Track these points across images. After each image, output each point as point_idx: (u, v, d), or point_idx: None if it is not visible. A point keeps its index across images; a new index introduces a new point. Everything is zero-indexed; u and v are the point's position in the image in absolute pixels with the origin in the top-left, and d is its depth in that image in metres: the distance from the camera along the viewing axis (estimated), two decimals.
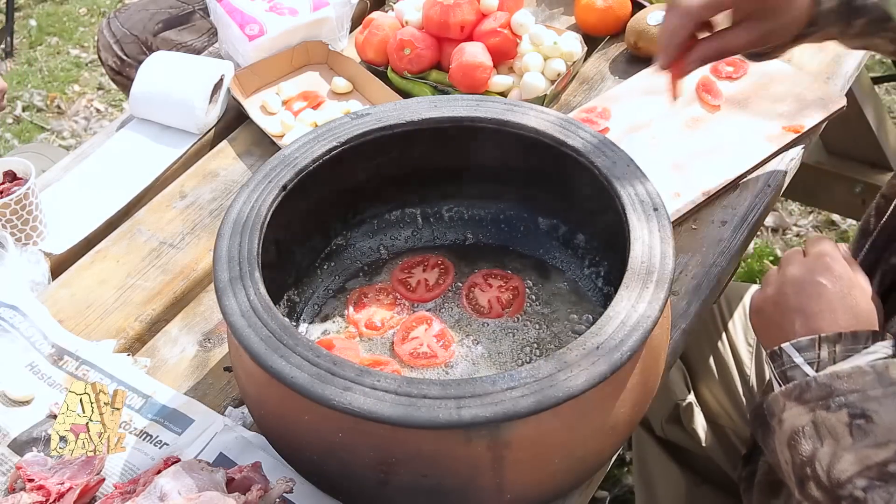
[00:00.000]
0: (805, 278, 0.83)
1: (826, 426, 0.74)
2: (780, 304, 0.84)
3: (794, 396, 0.78)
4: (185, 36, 1.70)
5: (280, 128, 1.23)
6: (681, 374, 1.27)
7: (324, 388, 0.69)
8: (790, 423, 0.78)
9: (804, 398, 0.77)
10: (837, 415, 0.74)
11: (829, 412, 0.74)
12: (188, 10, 1.75)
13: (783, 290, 0.84)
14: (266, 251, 0.83)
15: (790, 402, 0.78)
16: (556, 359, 0.71)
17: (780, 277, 0.86)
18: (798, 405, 0.77)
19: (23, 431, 0.89)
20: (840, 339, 0.78)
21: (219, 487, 0.77)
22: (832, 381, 0.75)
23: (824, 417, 0.75)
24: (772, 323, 0.85)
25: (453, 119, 0.93)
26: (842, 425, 0.73)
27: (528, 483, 0.75)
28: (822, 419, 0.75)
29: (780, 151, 1.14)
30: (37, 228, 1.09)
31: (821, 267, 0.83)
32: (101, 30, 1.78)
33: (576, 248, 1.00)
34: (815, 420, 0.75)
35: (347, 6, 1.37)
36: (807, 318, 0.81)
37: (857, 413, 0.73)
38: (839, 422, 0.74)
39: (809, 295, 0.82)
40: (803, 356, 0.79)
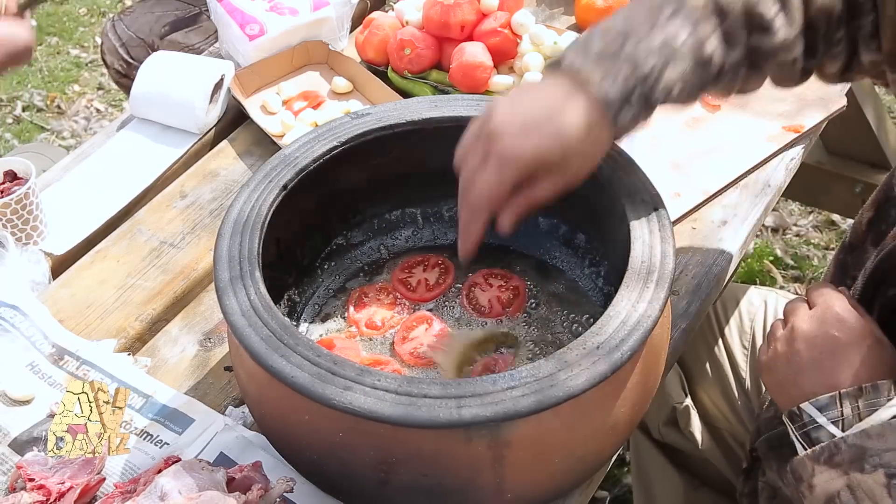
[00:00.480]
0: (816, 332, 0.80)
1: (863, 489, 0.72)
2: (792, 362, 0.81)
3: (824, 460, 0.75)
4: (192, 38, 1.69)
5: (280, 127, 1.23)
6: (677, 378, 1.27)
7: (324, 388, 0.69)
8: (823, 489, 0.75)
9: (835, 461, 0.74)
10: (874, 476, 0.71)
11: (864, 474, 0.72)
12: (195, 11, 1.74)
13: (794, 346, 0.81)
14: (266, 251, 0.83)
15: (819, 466, 0.75)
16: (557, 358, 0.71)
17: (788, 333, 0.83)
18: (829, 469, 0.74)
19: (23, 431, 0.89)
20: (861, 394, 0.75)
21: (219, 487, 0.77)
22: (863, 440, 0.72)
23: (860, 480, 0.72)
24: (786, 381, 0.82)
25: (453, 119, 0.93)
26: (879, 486, 0.71)
27: (528, 483, 0.75)
28: (858, 482, 0.72)
29: (780, 151, 1.14)
30: (37, 228, 1.09)
31: (832, 318, 0.80)
32: (105, 33, 1.76)
33: (576, 247, 1.00)
34: (850, 484, 0.73)
35: (347, 6, 1.37)
36: (824, 375, 0.78)
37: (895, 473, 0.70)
38: (876, 483, 0.71)
39: (822, 350, 0.79)
40: (826, 415, 0.76)
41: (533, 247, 1.03)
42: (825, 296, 0.83)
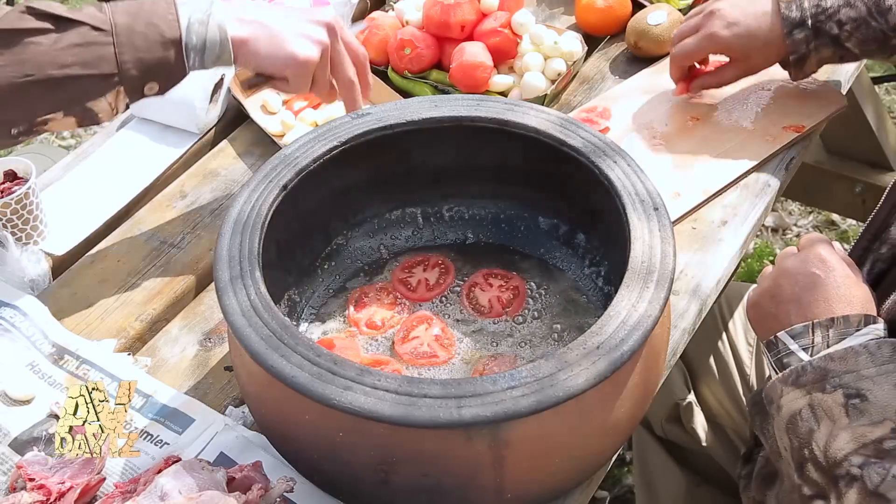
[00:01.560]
0: (799, 269, 0.86)
1: (822, 407, 0.76)
2: (775, 297, 0.86)
3: (791, 381, 0.79)
4: None
5: (280, 127, 1.23)
6: (681, 374, 1.27)
7: (324, 388, 0.69)
8: (788, 408, 0.79)
9: (800, 382, 0.79)
10: (833, 396, 0.76)
11: (825, 394, 0.76)
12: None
13: (778, 281, 0.87)
14: (266, 251, 0.83)
15: (787, 388, 0.80)
16: (557, 358, 0.71)
17: (774, 271, 0.89)
18: (795, 389, 0.79)
19: (23, 431, 0.89)
20: (833, 324, 0.80)
21: (219, 487, 0.77)
22: (826, 363, 0.77)
23: (820, 399, 0.77)
24: (768, 315, 0.87)
25: (453, 119, 0.93)
26: (837, 406, 0.75)
27: (528, 482, 0.75)
28: (819, 401, 0.77)
29: (780, 151, 1.14)
30: (37, 228, 1.09)
31: (814, 258, 0.86)
32: None
33: (576, 247, 1.00)
34: (811, 402, 0.77)
35: (347, 6, 1.37)
36: (801, 308, 0.83)
37: (852, 393, 0.75)
38: (835, 403, 0.75)
39: (804, 285, 0.84)
40: (798, 342, 0.81)
41: (533, 247, 1.03)
42: (813, 241, 0.89)
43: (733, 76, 1.14)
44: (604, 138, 0.90)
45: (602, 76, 1.30)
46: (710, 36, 1.10)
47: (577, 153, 0.89)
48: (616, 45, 1.35)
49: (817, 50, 1.07)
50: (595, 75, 1.30)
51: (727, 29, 1.09)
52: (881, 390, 0.74)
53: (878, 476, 0.71)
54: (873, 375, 0.75)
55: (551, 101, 1.25)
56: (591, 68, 1.32)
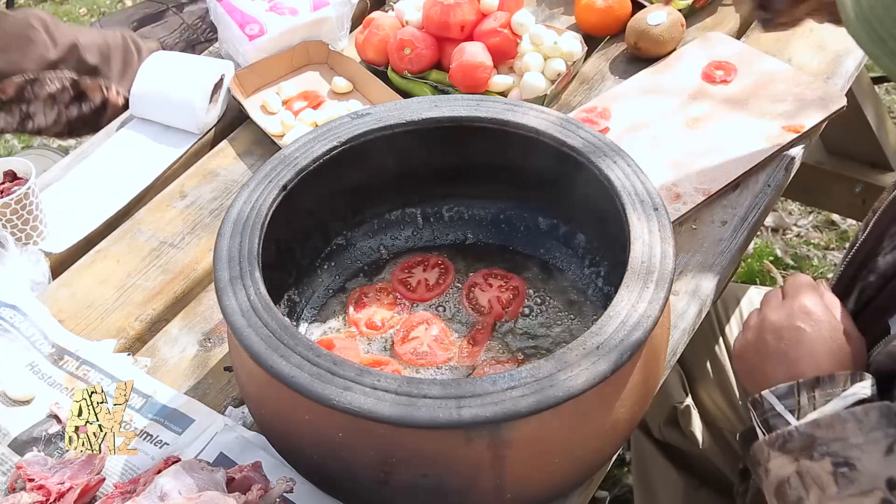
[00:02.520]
0: (783, 324, 0.84)
1: (811, 475, 0.75)
2: (760, 351, 0.85)
3: (778, 446, 0.78)
4: (158, 32, 1.76)
5: (280, 127, 1.23)
6: (678, 378, 1.27)
7: (324, 388, 0.69)
8: (776, 473, 0.78)
9: (787, 448, 0.77)
10: (821, 464, 0.74)
11: (813, 461, 0.75)
12: (161, 8, 1.81)
13: (763, 336, 0.85)
14: (266, 251, 0.83)
15: (774, 452, 0.78)
16: (557, 358, 0.71)
17: (759, 323, 0.86)
18: (782, 455, 0.78)
19: (23, 431, 0.89)
20: (818, 384, 0.78)
21: (219, 487, 0.77)
22: (813, 430, 0.76)
23: (808, 467, 0.75)
24: (754, 369, 0.85)
25: (453, 119, 0.93)
26: (826, 474, 0.74)
27: (528, 483, 0.75)
28: (807, 469, 0.75)
29: (780, 151, 1.14)
30: (37, 228, 1.09)
31: (799, 311, 0.84)
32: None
33: (576, 247, 1.00)
34: (799, 470, 0.76)
35: (347, 6, 1.37)
36: (787, 365, 0.82)
37: (841, 462, 0.73)
38: (823, 471, 0.74)
39: (788, 341, 0.83)
40: (783, 403, 0.80)
41: (533, 247, 1.03)
42: (797, 288, 0.86)
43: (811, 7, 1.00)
44: (604, 138, 0.90)
45: (602, 76, 1.30)
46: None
47: (577, 153, 0.89)
48: (616, 45, 1.35)
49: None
50: (595, 75, 1.30)
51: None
52: (869, 459, 0.73)
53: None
54: (861, 444, 0.74)
55: (551, 101, 1.25)
56: (590, 68, 1.32)
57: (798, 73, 1.23)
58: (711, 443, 1.25)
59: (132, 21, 1.78)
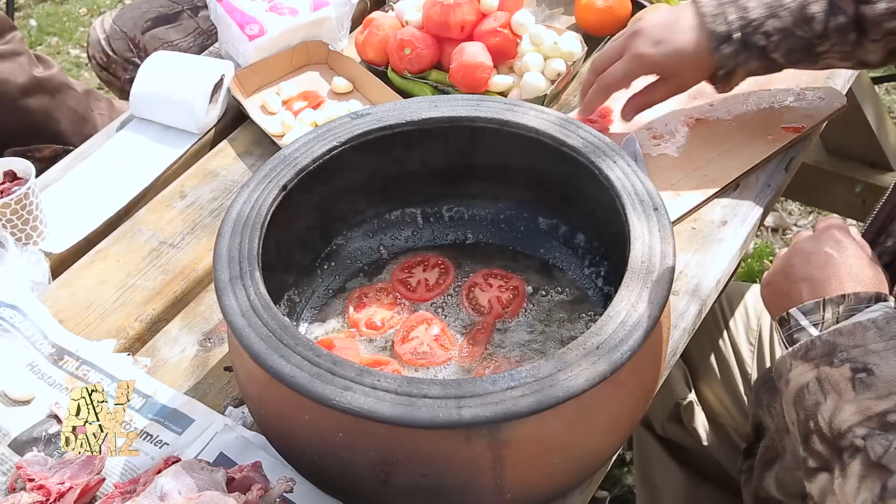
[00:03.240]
0: (812, 249, 0.86)
1: (830, 381, 0.77)
2: (788, 275, 0.86)
3: (800, 355, 0.80)
4: (171, 34, 1.73)
5: (280, 128, 1.23)
6: (681, 373, 1.27)
7: (324, 388, 0.69)
8: (796, 382, 0.80)
9: (809, 356, 0.79)
10: (840, 370, 0.76)
11: (833, 367, 0.77)
12: (177, 9, 1.79)
13: (791, 261, 0.87)
14: (266, 251, 0.83)
15: (796, 361, 0.80)
16: (556, 358, 0.71)
17: (788, 251, 0.89)
18: (803, 363, 0.79)
19: (23, 431, 0.89)
20: (844, 300, 0.80)
21: (219, 487, 0.77)
22: (835, 337, 0.78)
23: (828, 373, 0.77)
24: (780, 293, 0.87)
25: (453, 119, 0.93)
26: (844, 380, 0.76)
27: (528, 483, 0.75)
28: (826, 375, 0.77)
29: (780, 151, 1.14)
30: (37, 228, 1.09)
31: (828, 239, 0.86)
32: (93, 27, 1.80)
33: (576, 247, 1.00)
34: (819, 376, 0.77)
35: (347, 6, 1.37)
36: (813, 286, 0.84)
37: (860, 367, 0.75)
38: (842, 376, 0.76)
39: (816, 264, 0.85)
40: (809, 318, 0.82)
41: (533, 247, 1.03)
42: (828, 223, 0.89)
43: (664, 94, 1.12)
44: (604, 138, 0.90)
45: None
46: (638, 57, 1.07)
47: (577, 153, 0.89)
48: None
49: (745, 63, 1.06)
50: None
51: (654, 48, 1.06)
52: (887, 365, 0.74)
53: (881, 447, 0.72)
54: (880, 350, 0.75)
55: (551, 101, 1.25)
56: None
57: (798, 73, 1.22)
58: (714, 439, 1.25)
59: (146, 20, 1.75)
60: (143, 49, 1.72)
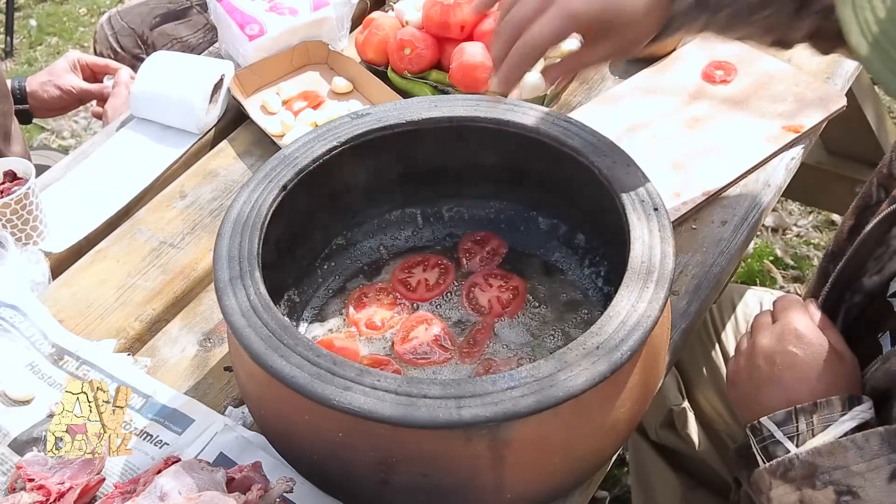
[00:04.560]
0: (775, 349, 0.83)
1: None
2: (753, 377, 0.84)
3: (779, 475, 0.78)
4: (181, 31, 1.72)
5: (280, 128, 1.23)
6: (674, 381, 1.27)
7: (324, 388, 0.69)
8: (779, 502, 0.78)
9: (788, 476, 0.77)
10: (824, 493, 0.74)
11: (816, 490, 0.75)
12: (186, 5, 1.78)
13: (754, 362, 0.85)
14: (266, 251, 0.83)
15: (776, 480, 0.78)
16: (556, 358, 0.71)
17: (749, 349, 0.86)
18: (784, 483, 0.78)
19: (23, 431, 0.89)
20: (816, 409, 0.78)
21: (219, 487, 0.77)
22: (815, 458, 0.76)
23: (811, 496, 0.75)
24: (748, 396, 0.85)
25: (453, 119, 0.93)
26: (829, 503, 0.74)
27: (528, 483, 0.75)
28: (810, 497, 0.75)
29: (780, 151, 1.14)
30: (37, 228, 1.09)
31: (790, 334, 0.83)
32: (100, 24, 1.80)
33: (576, 247, 1.00)
34: (802, 499, 0.76)
35: (347, 6, 1.37)
36: (782, 390, 0.82)
37: (843, 490, 0.73)
38: (826, 499, 0.74)
39: (781, 366, 0.82)
40: (783, 430, 0.80)
41: (533, 247, 1.03)
42: (787, 311, 0.85)
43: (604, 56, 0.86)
44: (604, 138, 0.90)
45: (602, 76, 1.30)
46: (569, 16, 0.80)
47: (576, 153, 0.89)
48: None
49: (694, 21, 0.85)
50: (595, 75, 1.30)
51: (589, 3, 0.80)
52: (873, 487, 0.73)
53: None
54: (864, 472, 0.73)
55: (551, 101, 1.25)
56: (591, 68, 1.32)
57: (798, 72, 1.23)
58: (708, 445, 1.25)
59: (154, 16, 1.75)
60: (152, 45, 1.72)
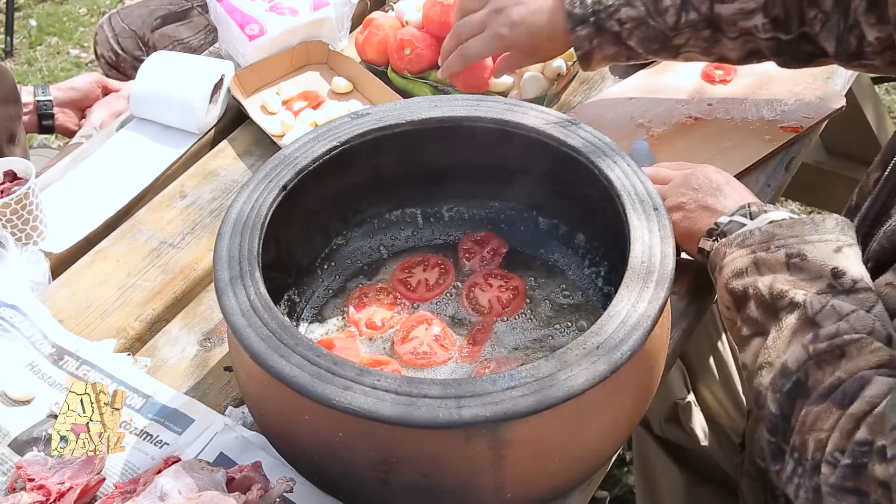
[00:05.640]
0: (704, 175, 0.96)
1: (766, 264, 0.82)
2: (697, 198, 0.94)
3: (736, 243, 0.85)
4: (182, 32, 1.72)
5: (280, 128, 1.23)
6: (680, 374, 1.27)
7: (324, 388, 0.69)
8: (731, 266, 0.85)
9: (745, 243, 0.85)
10: (776, 255, 0.82)
11: (769, 253, 0.83)
12: (186, 6, 1.77)
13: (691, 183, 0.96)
14: (266, 251, 0.83)
15: (731, 249, 0.86)
16: (556, 358, 0.71)
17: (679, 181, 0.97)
18: (739, 249, 0.85)
19: (23, 431, 0.89)
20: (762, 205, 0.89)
21: (219, 487, 0.77)
22: (774, 228, 0.84)
23: (764, 258, 0.83)
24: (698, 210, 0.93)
25: (453, 119, 0.93)
26: (780, 263, 0.82)
27: (528, 483, 0.75)
28: (762, 259, 0.83)
29: (779, 151, 1.14)
30: (37, 228, 1.09)
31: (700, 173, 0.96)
32: (101, 25, 1.80)
33: (576, 247, 1.00)
34: (755, 260, 0.83)
35: (347, 6, 1.37)
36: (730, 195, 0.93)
37: (794, 253, 0.81)
38: (777, 261, 0.82)
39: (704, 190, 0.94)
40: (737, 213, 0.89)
41: (533, 247, 1.03)
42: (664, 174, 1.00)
43: (518, 64, 1.17)
44: (604, 138, 0.90)
45: (602, 76, 1.30)
46: (498, 37, 1.11)
47: (577, 153, 0.89)
48: None
49: (601, 47, 1.09)
50: (595, 75, 1.30)
51: (512, 29, 1.10)
52: (819, 251, 0.80)
53: (818, 303, 0.77)
54: (815, 241, 0.81)
55: (551, 101, 1.25)
56: None
57: (798, 73, 1.22)
58: (712, 439, 1.25)
59: (155, 18, 1.74)
60: (153, 47, 1.71)
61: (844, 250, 0.80)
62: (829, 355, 0.74)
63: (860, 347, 0.73)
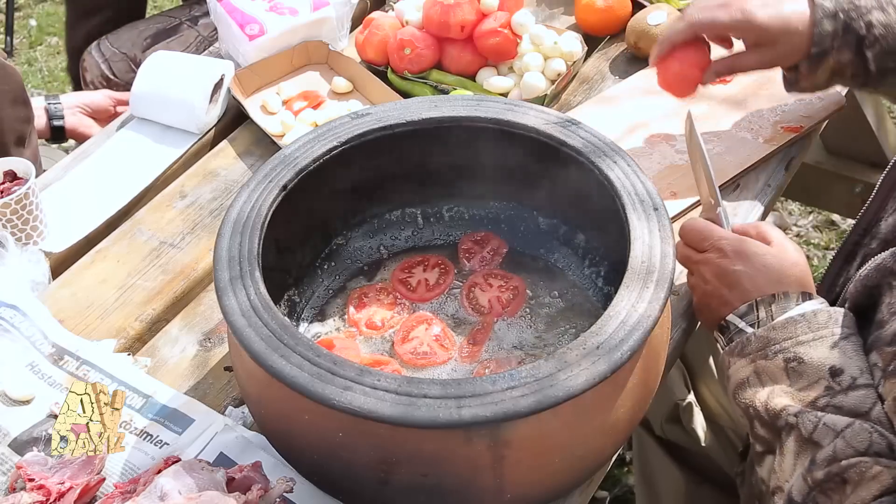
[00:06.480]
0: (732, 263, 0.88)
1: (766, 373, 0.82)
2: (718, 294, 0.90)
3: (737, 352, 0.84)
4: (173, 47, 1.73)
5: (280, 127, 1.23)
6: (680, 374, 1.27)
7: (324, 388, 0.69)
8: (735, 377, 0.84)
9: (745, 352, 0.83)
10: (774, 361, 0.81)
11: (768, 360, 0.82)
12: (175, 22, 1.79)
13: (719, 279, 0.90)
14: (266, 251, 0.83)
15: (733, 358, 0.85)
16: (556, 358, 0.71)
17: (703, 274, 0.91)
18: (740, 359, 0.84)
19: (23, 431, 0.89)
20: (774, 300, 0.85)
21: (219, 487, 0.77)
22: (768, 332, 0.83)
23: (764, 366, 0.82)
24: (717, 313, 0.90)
25: (453, 119, 0.93)
26: (779, 370, 0.81)
27: (528, 483, 0.75)
28: (763, 368, 0.82)
29: (779, 151, 1.14)
30: (37, 228, 1.09)
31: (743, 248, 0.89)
32: (88, 52, 1.79)
33: (576, 247, 1.00)
34: (756, 370, 0.83)
35: (347, 6, 1.37)
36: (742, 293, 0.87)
37: (791, 357, 0.80)
38: (776, 367, 0.81)
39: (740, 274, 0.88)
40: (745, 320, 0.86)
41: (533, 247, 1.03)
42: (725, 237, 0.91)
43: (754, 64, 1.05)
44: (604, 138, 0.90)
45: (602, 76, 1.30)
46: (744, 11, 1.00)
47: (577, 153, 0.89)
48: (616, 45, 1.35)
49: (839, 50, 1.00)
50: (595, 75, 1.31)
51: (763, 8, 0.99)
52: (816, 352, 0.79)
53: (811, 423, 0.76)
54: (809, 340, 0.80)
55: (551, 101, 1.25)
56: (590, 68, 1.32)
57: None
58: (713, 440, 1.25)
59: (144, 38, 1.75)
60: None
61: (841, 345, 0.80)
62: (832, 483, 0.73)
63: (860, 473, 0.72)
